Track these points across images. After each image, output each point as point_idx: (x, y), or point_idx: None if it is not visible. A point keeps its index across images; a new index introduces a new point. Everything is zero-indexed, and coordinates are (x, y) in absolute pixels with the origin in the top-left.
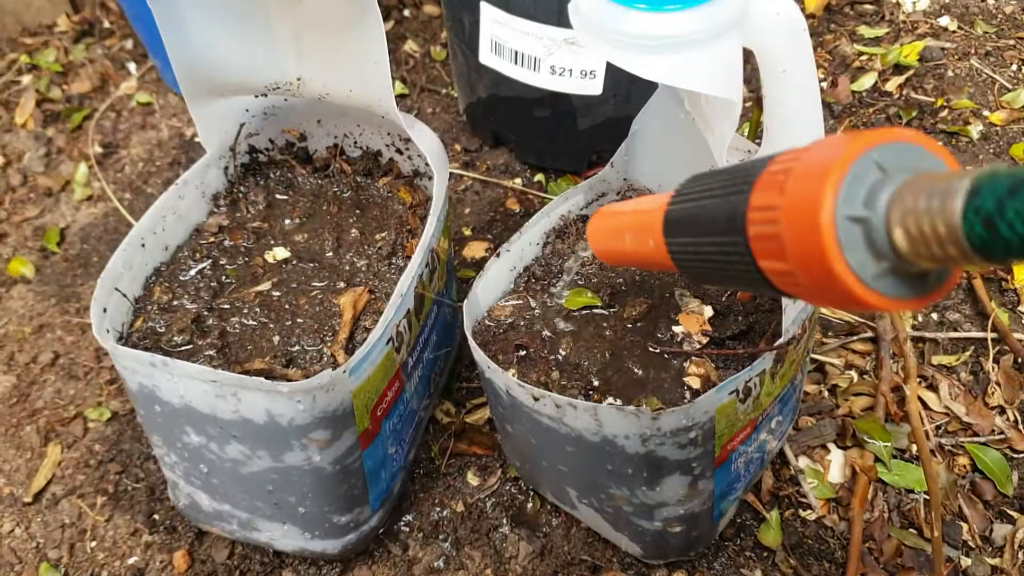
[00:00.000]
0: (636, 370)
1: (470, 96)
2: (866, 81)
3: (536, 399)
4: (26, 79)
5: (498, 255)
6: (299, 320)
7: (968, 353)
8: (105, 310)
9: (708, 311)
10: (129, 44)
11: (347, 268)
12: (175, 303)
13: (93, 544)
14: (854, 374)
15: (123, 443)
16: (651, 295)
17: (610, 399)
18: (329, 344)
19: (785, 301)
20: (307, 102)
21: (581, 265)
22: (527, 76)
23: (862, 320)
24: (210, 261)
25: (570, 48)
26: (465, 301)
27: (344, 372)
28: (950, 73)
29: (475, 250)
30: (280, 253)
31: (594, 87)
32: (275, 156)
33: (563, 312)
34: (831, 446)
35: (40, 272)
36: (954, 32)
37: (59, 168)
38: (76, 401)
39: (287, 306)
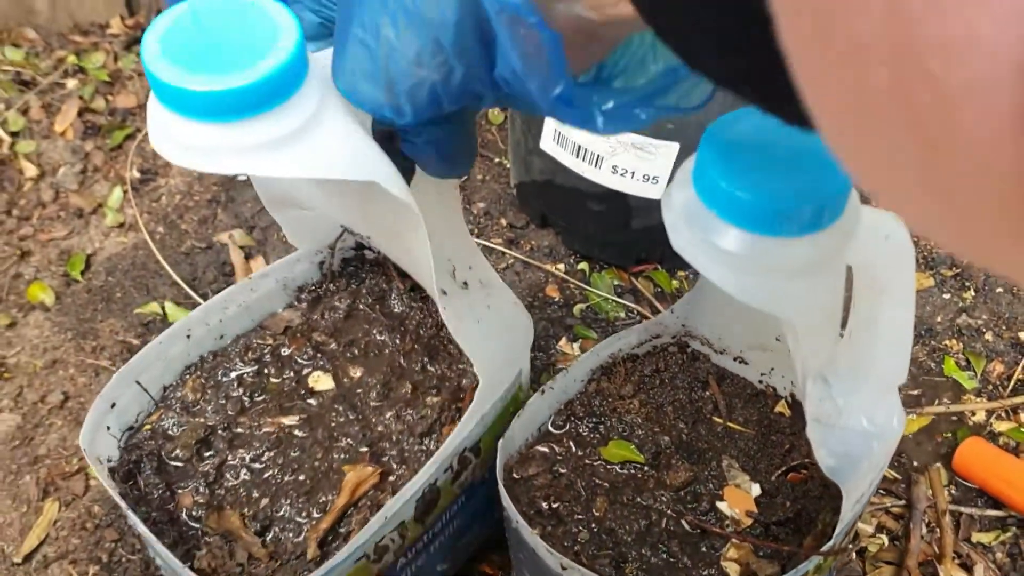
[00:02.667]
0: (672, 546)
1: (523, 175)
2: None
3: (564, 568)
4: (71, 83)
5: (542, 392)
6: (300, 477)
7: (1008, 534)
8: (114, 405)
9: (756, 489)
10: None
11: (380, 429)
12: (199, 406)
13: None
14: (885, 539)
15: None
16: (697, 461)
17: None
18: (311, 526)
19: (844, 509)
20: None
21: (626, 411)
22: (587, 171)
23: (899, 478)
24: (257, 367)
25: (636, 152)
26: (501, 440)
27: None
28: None
29: None
30: (326, 382)
31: (654, 192)
32: (380, 258)
33: (601, 463)
34: None
35: (60, 301)
36: None
37: (93, 188)
38: (80, 453)
39: (298, 454)
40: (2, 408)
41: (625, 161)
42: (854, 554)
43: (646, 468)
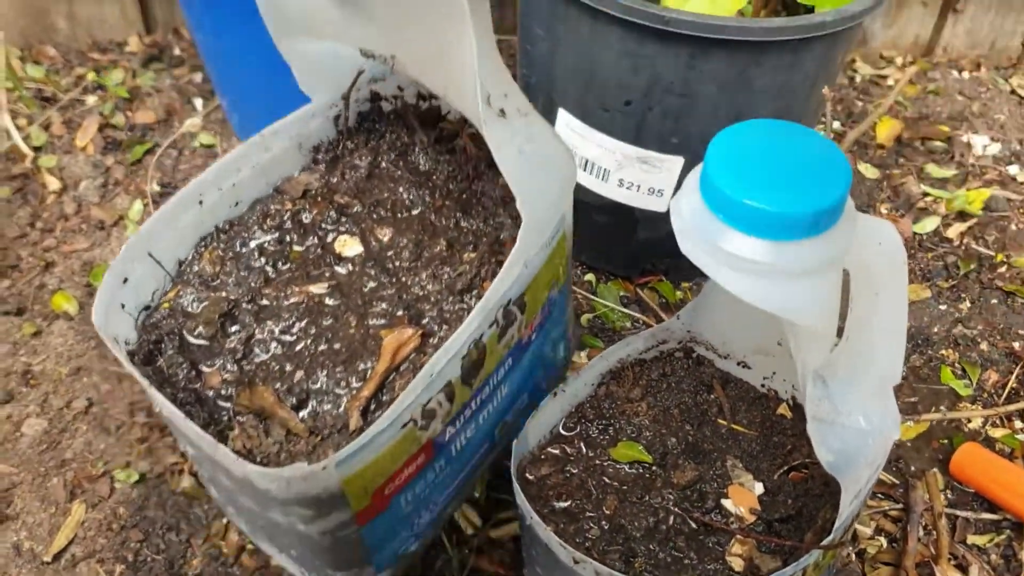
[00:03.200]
0: (679, 542)
1: None
2: (928, 224)
3: (576, 562)
4: (91, 99)
5: (554, 394)
6: (336, 345)
7: (1003, 536)
8: (126, 280)
9: (759, 488)
10: (198, 77)
11: (415, 291)
12: (219, 279)
13: None
14: (883, 541)
15: (147, 509)
16: (702, 461)
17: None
18: (351, 394)
19: (842, 504)
20: None
21: (635, 414)
22: (594, 184)
23: (897, 483)
24: (277, 234)
25: (642, 166)
26: (515, 441)
27: (325, 468)
28: (1013, 227)
29: None
30: (353, 247)
31: (660, 204)
32: (399, 108)
33: (611, 463)
34: None
35: (83, 310)
36: (1022, 183)
37: (114, 201)
38: (105, 457)
39: (331, 322)
40: (29, 414)
41: (631, 174)
42: (853, 555)
43: (654, 468)
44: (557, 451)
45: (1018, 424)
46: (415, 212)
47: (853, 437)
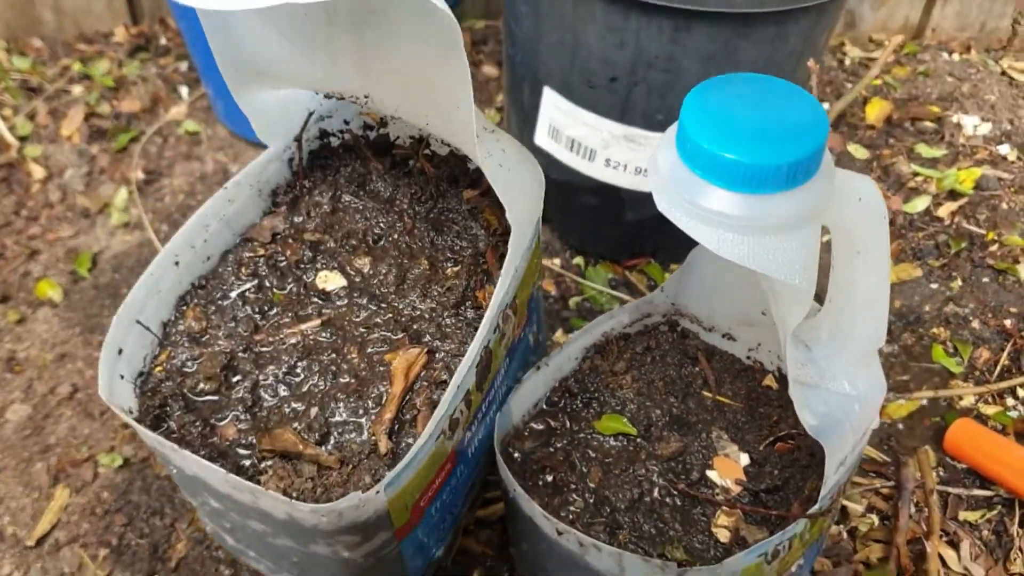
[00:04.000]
0: (664, 513)
1: None
2: (919, 204)
3: (560, 533)
4: (77, 89)
5: (537, 368)
6: (343, 379)
7: (994, 512)
8: (120, 351)
9: (744, 459)
10: (183, 66)
11: (408, 312)
12: (208, 334)
13: None
14: (875, 518)
15: (132, 493)
16: (687, 433)
17: (634, 543)
18: (372, 420)
19: (827, 471)
20: None
21: (619, 387)
22: (580, 164)
23: (889, 461)
24: (256, 282)
25: (628, 144)
26: (498, 415)
27: (378, 492)
28: (1004, 206)
29: None
30: (335, 281)
31: (647, 184)
32: (349, 141)
33: (596, 436)
34: None
35: (68, 297)
36: (1013, 163)
37: (99, 189)
38: (89, 442)
39: (332, 357)
40: (13, 400)
41: (618, 154)
42: (845, 533)
43: (638, 440)
44: (541, 425)
45: (1010, 401)
46: (389, 238)
47: (838, 402)
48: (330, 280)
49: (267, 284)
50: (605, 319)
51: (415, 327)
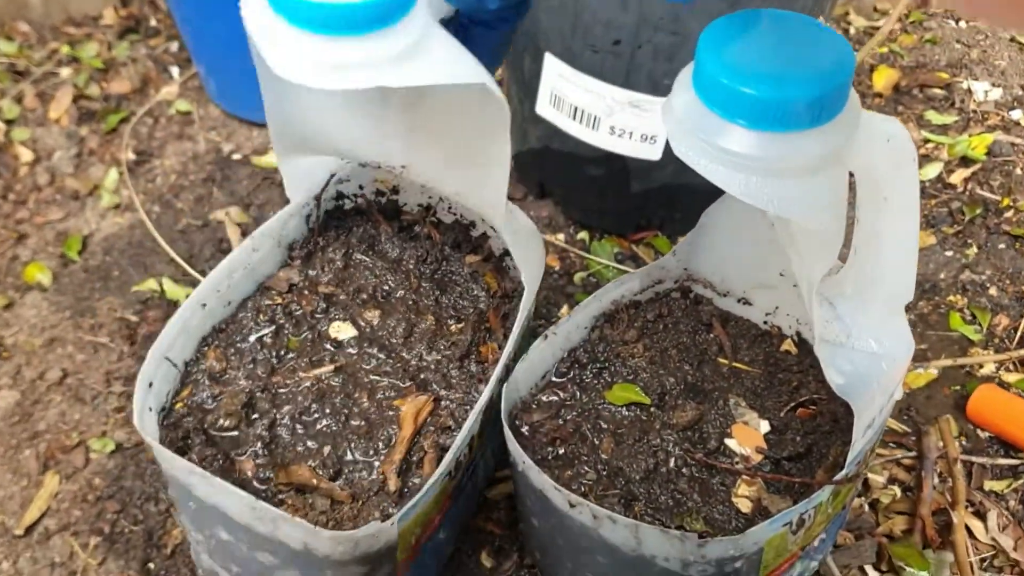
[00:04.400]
0: (681, 483)
1: (521, 143)
2: (931, 171)
3: (572, 505)
4: (65, 72)
5: (544, 337)
6: (354, 422)
7: (1020, 481)
8: (151, 384)
9: (765, 426)
10: (174, 47)
11: (415, 363)
12: (228, 374)
13: None
14: (897, 490)
15: (124, 479)
16: (703, 401)
17: (651, 515)
18: (382, 460)
19: (855, 434)
20: None
21: (630, 356)
22: (584, 133)
23: (909, 431)
24: (273, 328)
25: (633, 111)
26: (505, 385)
27: (392, 524)
28: (1019, 171)
29: None
30: (347, 331)
31: (654, 152)
32: (361, 205)
33: (607, 407)
34: (869, 568)
35: (57, 281)
36: None
37: (89, 171)
38: (80, 428)
39: (344, 400)
40: (1, 386)
41: (622, 121)
42: (866, 506)
43: (652, 409)
44: (550, 397)
45: None
46: (397, 295)
47: (864, 360)
48: (342, 330)
49: (284, 330)
50: (614, 286)
51: (422, 376)
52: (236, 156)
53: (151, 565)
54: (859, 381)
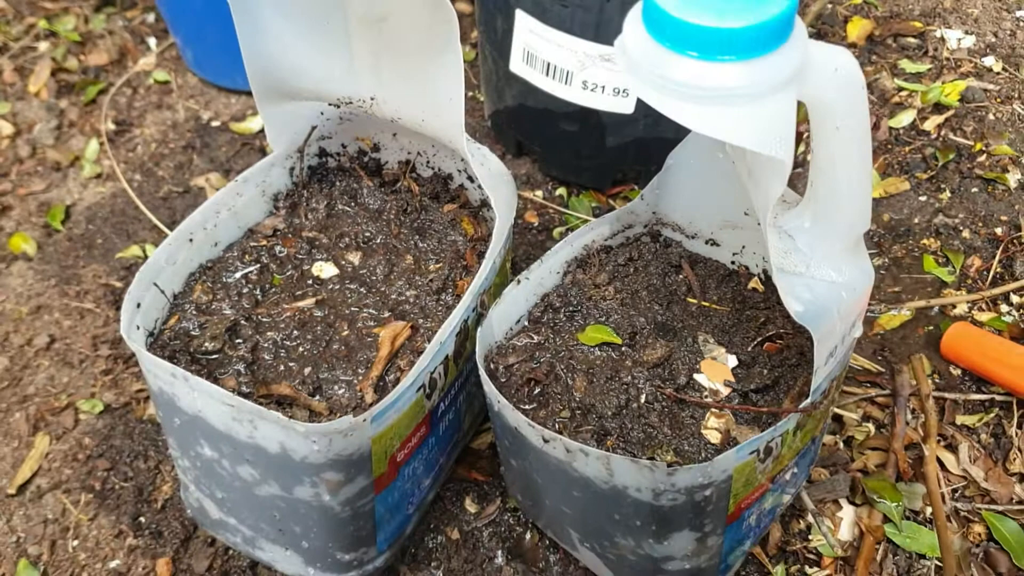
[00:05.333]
0: (652, 418)
1: (497, 103)
2: (904, 118)
3: (546, 440)
4: (43, 46)
5: (517, 282)
6: (335, 346)
7: (991, 415)
8: (139, 305)
9: (732, 360)
10: (151, 18)
11: (394, 297)
12: (214, 305)
13: (75, 543)
14: (871, 427)
15: (114, 438)
16: (673, 339)
17: (623, 448)
18: (360, 379)
19: (817, 362)
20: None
21: (602, 298)
22: (558, 89)
23: (883, 371)
24: (258, 266)
25: (604, 64)
26: (479, 328)
27: (365, 420)
28: (991, 116)
29: None
30: (329, 270)
31: (626, 105)
32: (344, 163)
33: (580, 348)
34: (843, 502)
35: (42, 250)
36: (998, 74)
37: (69, 142)
38: (69, 390)
39: (325, 328)
40: None
41: (595, 75)
42: (841, 443)
43: (624, 348)
44: (524, 341)
45: (1004, 307)
46: (378, 240)
47: (823, 289)
48: (324, 269)
49: (268, 269)
50: (585, 231)
51: (401, 308)
52: (215, 123)
53: (142, 519)
54: (818, 309)
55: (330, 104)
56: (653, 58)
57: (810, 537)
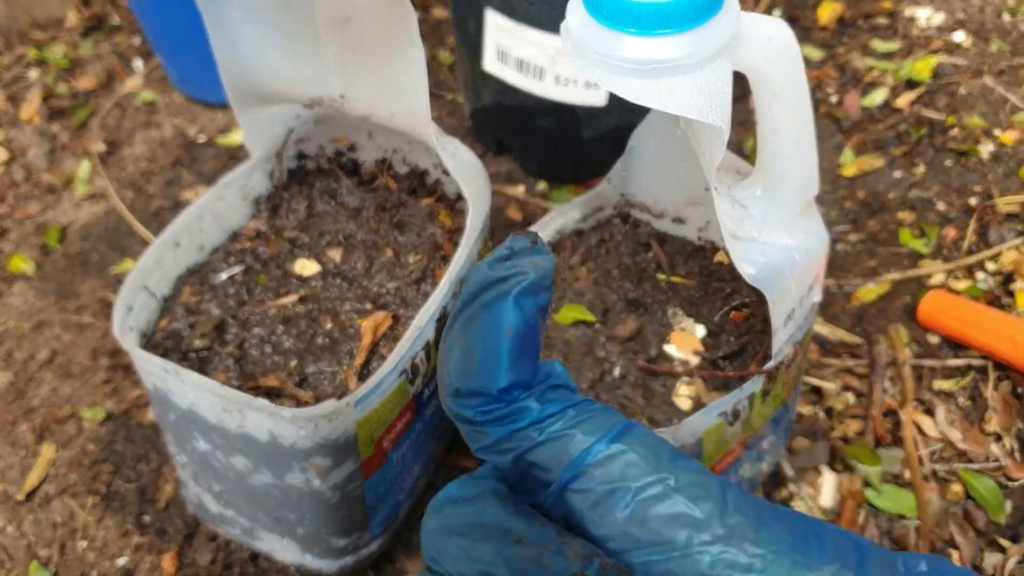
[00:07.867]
0: (625, 389)
1: (475, 102)
2: (877, 96)
3: None
4: (33, 73)
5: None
6: (319, 339)
7: (968, 379)
8: (130, 308)
9: (701, 330)
10: (136, 40)
11: (375, 290)
12: (202, 306)
13: (84, 544)
14: (850, 396)
15: (116, 444)
16: (644, 314)
17: None
18: (345, 368)
19: (775, 324)
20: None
21: (575, 279)
22: (531, 85)
23: (861, 342)
24: (243, 267)
25: None
26: (450, 308)
27: (348, 404)
28: (962, 91)
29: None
30: (311, 267)
31: (598, 98)
32: (323, 164)
33: (555, 327)
34: (824, 469)
35: (40, 269)
36: (968, 49)
37: (62, 165)
38: (72, 400)
39: (310, 323)
40: None
41: (566, 70)
42: (821, 413)
43: (597, 326)
44: None
45: (980, 275)
46: (358, 237)
47: (776, 252)
48: (307, 267)
49: (252, 269)
50: (557, 215)
51: (382, 299)
52: (201, 138)
53: (146, 518)
54: (771, 271)
55: (304, 105)
56: (595, 38)
57: (792, 504)
